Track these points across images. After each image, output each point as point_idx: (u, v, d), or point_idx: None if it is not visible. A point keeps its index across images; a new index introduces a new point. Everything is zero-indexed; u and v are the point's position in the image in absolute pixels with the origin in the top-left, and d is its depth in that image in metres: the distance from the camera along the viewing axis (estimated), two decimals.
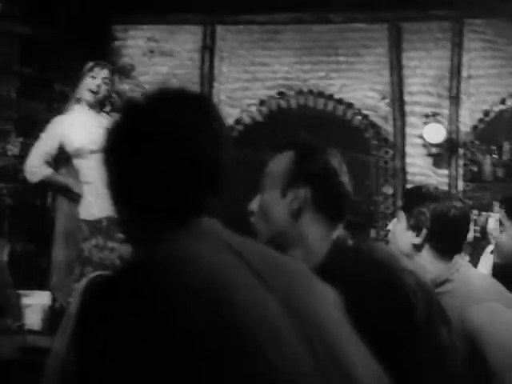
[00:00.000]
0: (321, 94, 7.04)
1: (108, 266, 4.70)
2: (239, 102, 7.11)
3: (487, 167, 7.04)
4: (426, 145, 6.88)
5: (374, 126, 7.01)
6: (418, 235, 2.47)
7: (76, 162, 5.00)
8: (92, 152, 4.76)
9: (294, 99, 7.10)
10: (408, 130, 6.99)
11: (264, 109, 7.09)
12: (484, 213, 6.53)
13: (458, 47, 6.99)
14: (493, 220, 7.08)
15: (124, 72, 7.11)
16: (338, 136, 7.36)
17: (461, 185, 6.88)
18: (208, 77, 7.14)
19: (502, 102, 6.94)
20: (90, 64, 5.10)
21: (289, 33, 7.09)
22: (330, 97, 7.03)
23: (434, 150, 6.85)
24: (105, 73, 5.10)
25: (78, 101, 5.07)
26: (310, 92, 7.05)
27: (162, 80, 7.14)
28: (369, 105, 7.02)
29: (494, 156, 7.09)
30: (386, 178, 6.95)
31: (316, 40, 7.10)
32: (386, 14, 7.02)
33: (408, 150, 6.98)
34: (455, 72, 6.96)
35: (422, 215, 2.45)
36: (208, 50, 7.16)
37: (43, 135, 5.06)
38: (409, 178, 6.94)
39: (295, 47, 7.08)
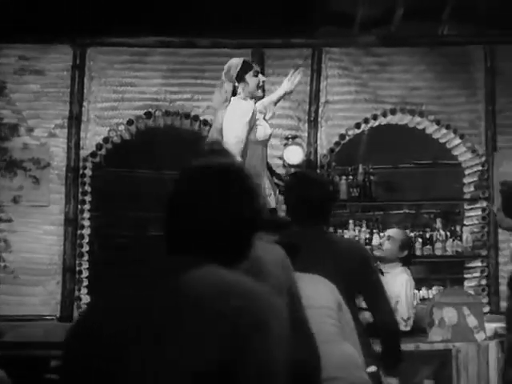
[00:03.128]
0: (187, 115, 7.32)
1: None
2: (108, 121, 7.31)
3: (343, 187, 7.46)
4: (286, 166, 7.22)
5: None
6: None
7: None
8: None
9: (161, 119, 7.36)
10: (269, 151, 7.29)
11: (132, 128, 7.32)
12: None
13: (316, 74, 7.39)
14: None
15: None
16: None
17: None
18: (78, 96, 7.33)
19: (357, 126, 7.37)
20: (240, 61, 5.29)
21: (157, 56, 7.36)
22: (196, 118, 7.32)
23: (292, 171, 7.20)
24: (259, 69, 5.41)
25: (246, 97, 5.25)
26: (177, 113, 7.32)
27: (32, 98, 7.32)
28: None
29: (349, 177, 7.51)
30: None
31: (183, 63, 7.38)
32: (250, 41, 7.36)
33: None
34: (314, 97, 7.36)
35: None
36: (78, 69, 7.35)
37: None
38: None
39: (163, 69, 7.34)
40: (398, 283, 6.27)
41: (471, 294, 6.49)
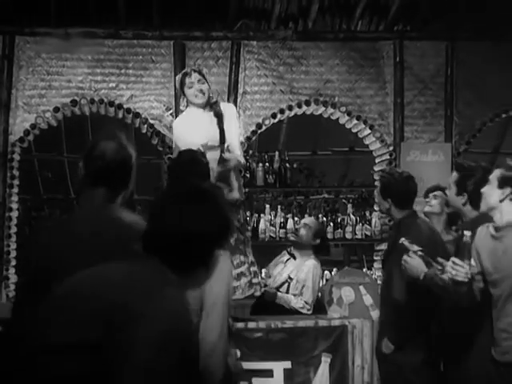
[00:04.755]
0: (111, 104, 7.64)
1: None
2: (35, 108, 7.59)
3: (259, 174, 7.85)
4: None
5: (158, 134, 7.66)
6: None
7: None
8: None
9: (87, 107, 7.68)
10: None
11: (58, 115, 7.63)
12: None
13: (235, 66, 7.75)
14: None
15: None
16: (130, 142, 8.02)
17: None
18: (6, 84, 7.59)
19: (273, 116, 7.75)
20: (179, 76, 5.59)
21: (82, 46, 7.65)
22: (120, 106, 7.64)
23: None
24: (195, 76, 5.52)
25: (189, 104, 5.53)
26: (101, 101, 7.64)
27: None
28: (154, 115, 7.66)
29: (265, 164, 7.90)
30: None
31: (107, 53, 7.68)
32: (171, 33, 7.71)
33: None
34: (233, 88, 7.72)
35: None
36: (7, 58, 7.62)
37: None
38: None
39: (88, 59, 7.64)
40: (305, 268, 6.71)
41: (368, 275, 6.93)
